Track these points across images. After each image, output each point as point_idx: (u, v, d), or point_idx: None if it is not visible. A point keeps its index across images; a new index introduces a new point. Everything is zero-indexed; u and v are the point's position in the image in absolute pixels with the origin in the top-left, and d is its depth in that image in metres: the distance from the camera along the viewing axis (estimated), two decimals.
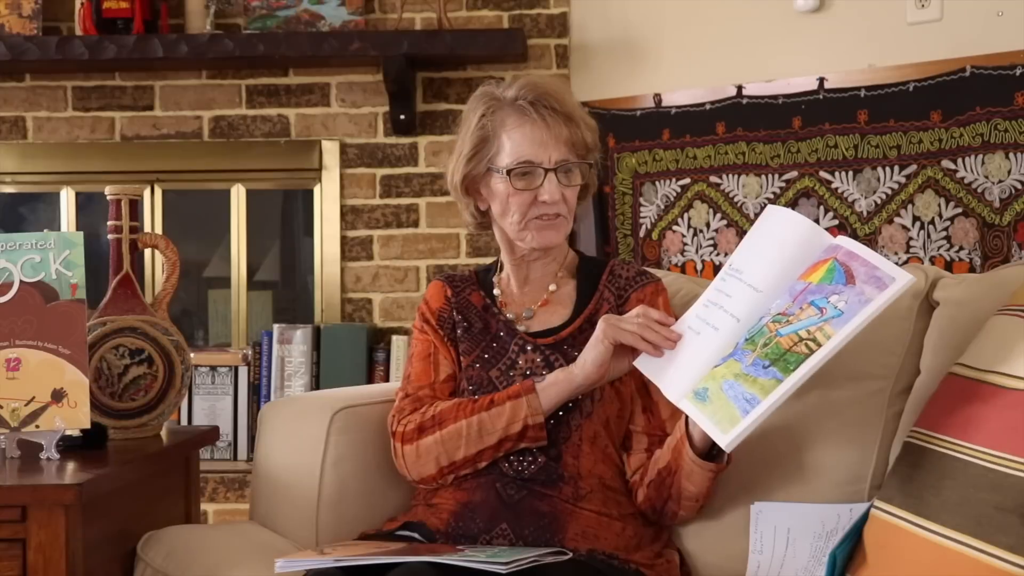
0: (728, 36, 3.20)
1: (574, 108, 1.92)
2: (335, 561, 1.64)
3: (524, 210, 1.89)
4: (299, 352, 3.38)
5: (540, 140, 1.87)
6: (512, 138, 1.88)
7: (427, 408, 1.89)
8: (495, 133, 1.90)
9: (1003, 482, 1.50)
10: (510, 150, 1.88)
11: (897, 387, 1.86)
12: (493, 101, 1.92)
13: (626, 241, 3.38)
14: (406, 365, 2.01)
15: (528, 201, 1.88)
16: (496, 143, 1.90)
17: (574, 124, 1.90)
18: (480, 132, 1.91)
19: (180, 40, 3.38)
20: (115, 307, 2.08)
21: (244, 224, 3.64)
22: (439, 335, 1.96)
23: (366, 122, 3.54)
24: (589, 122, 1.94)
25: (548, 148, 1.87)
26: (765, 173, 3.07)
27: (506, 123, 1.89)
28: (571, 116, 1.90)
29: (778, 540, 1.79)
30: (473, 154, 1.91)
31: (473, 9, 3.52)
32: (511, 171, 1.87)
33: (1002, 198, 2.66)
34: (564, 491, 1.81)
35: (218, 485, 3.37)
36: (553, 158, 1.87)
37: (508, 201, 1.89)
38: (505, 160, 1.88)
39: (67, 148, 3.60)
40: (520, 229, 1.91)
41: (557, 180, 1.87)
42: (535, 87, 1.90)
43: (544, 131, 1.87)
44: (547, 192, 1.87)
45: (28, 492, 1.70)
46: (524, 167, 1.87)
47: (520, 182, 1.88)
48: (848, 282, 1.58)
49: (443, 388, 1.94)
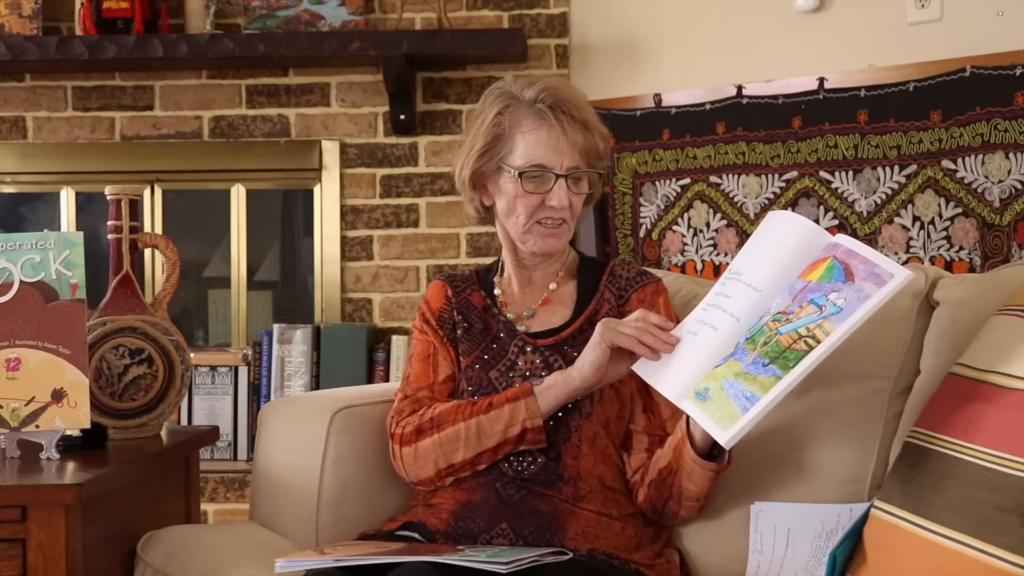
0: (728, 36, 3.20)
1: (591, 116, 1.92)
2: (335, 561, 1.64)
3: (530, 212, 1.89)
4: (299, 352, 3.38)
5: (555, 146, 1.87)
6: (527, 140, 1.88)
7: (425, 410, 1.89)
8: (510, 132, 1.89)
9: (1003, 482, 1.50)
10: (524, 151, 1.88)
11: (897, 387, 1.86)
12: (511, 100, 1.91)
13: (626, 241, 3.38)
14: (405, 365, 2.01)
15: (535, 204, 1.88)
16: (510, 142, 1.89)
17: (590, 133, 1.90)
18: (495, 129, 1.90)
19: (180, 40, 3.38)
20: (115, 307, 2.08)
21: (244, 224, 3.64)
22: (439, 335, 1.96)
23: (366, 122, 3.54)
24: (603, 131, 1.94)
25: (562, 154, 1.87)
26: (765, 173, 3.07)
27: (522, 123, 1.89)
28: (588, 125, 1.89)
29: (778, 540, 1.79)
30: (485, 150, 1.91)
31: (473, 9, 3.52)
32: (523, 173, 1.87)
33: (1002, 198, 2.66)
34: (564, 491, 1.81)
35: (218, 485, 3.37)
36: (565, 164, 1.87)
37: (515, 202, 1.89)
38: (518, 160, 1.88)
39: (67, 148, 3.60)
40: (523, 232, 1.91)
41: (567, 187, 1.88)
42: (556, 92, 1.90)
43: (560, 137, 1.87)
44: (556, 197, 1.87)
45: (28, 492, 1.70)
46: (536, 170, 1.87)
47: (530, 184, 1.88)
48: (847, 279, 1.58)
49: (442, 389, 1.94)
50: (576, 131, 1.88)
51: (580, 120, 1.89)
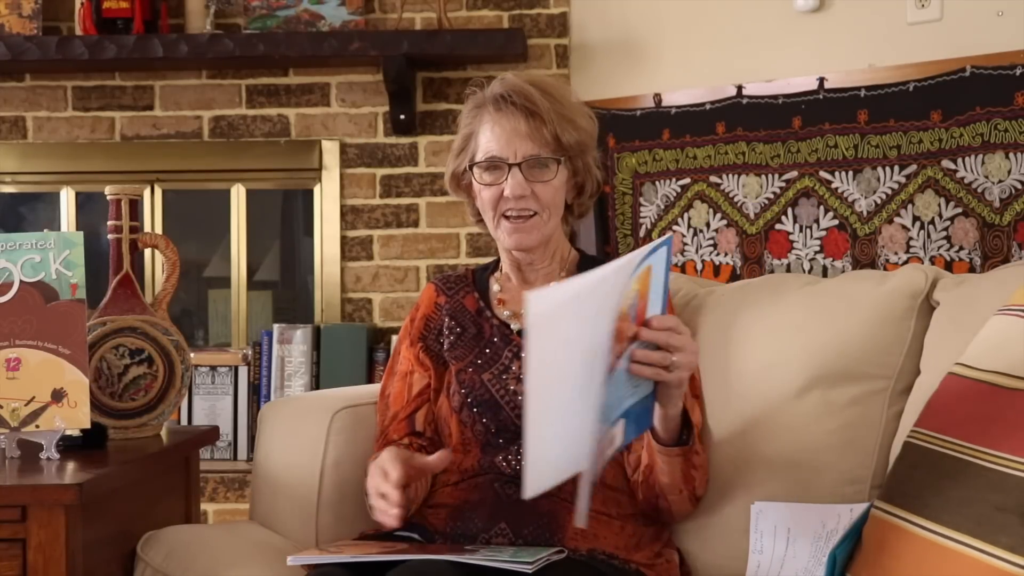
0: (728, 36, 3.20)
1: (552, 105, 1.88)
2: (352, 557, 1.64)
3: (493, 205, 1.89)
4: (299, 352, 3.38)
5: (506, 136, 1.87)
6: (484, 135, 1.90)
7: None
8: (476, 130, 1.92)
9: (1003, 482, 1.50)
10: (482, 146, 1.90)
11: (897, 387, 1.86)
12: (478, 99, 1.94)
13: (626, 241, 3.38)
14: (386, 375, 2.02)
15: (496, 196, 1.89)
16: (476, 140, 1.92)
17: (537, 119, 1.87)
18: (466, 130, 1.94)
19: (180, 40, 3.38)
20: (115, 307, 2.08)
21: (244, 224, 3.64)
22: (419, 346, 1.98)
23: (366, 122, 3.54)
24: (573, 119, 1.90)
25: (513, 144, 1.87)
26: (765, 173, 3.07)
27: (484, 119, 1.91)
28: (534, 111, 1.86)
29: (778, 540, 1.79)
30: (459, 151, 1.95)
31: (473, 9, 3.52)
32: (475, 165, 1.89)
33: (1002, 198, 2.66)
34: (563, 490, 1.81)
35: (218, 485, 3.37)
36: (520, 153, 1.87)
37: (481, 196, 1.91)
38: (479, 156, 1.90)
39: (67, 148, 3.60)
40: (495, 227, 1.92)
41: (523, 176, 1.87)
42: (512, 84, 1.90)
43: (509, 126, 1.87)
44: (509, 187, 1.86)
45: (28, 492, 1.70)
46: (488, 161, 1.88)
47: (487, 176, 1.89)
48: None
49: (413, 404, 1.95)
50: (520, 119, 1.86)
51: (525, 107, 1.86)
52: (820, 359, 1.88)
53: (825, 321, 1.91)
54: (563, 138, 1.88)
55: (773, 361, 1.92)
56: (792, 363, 1.89)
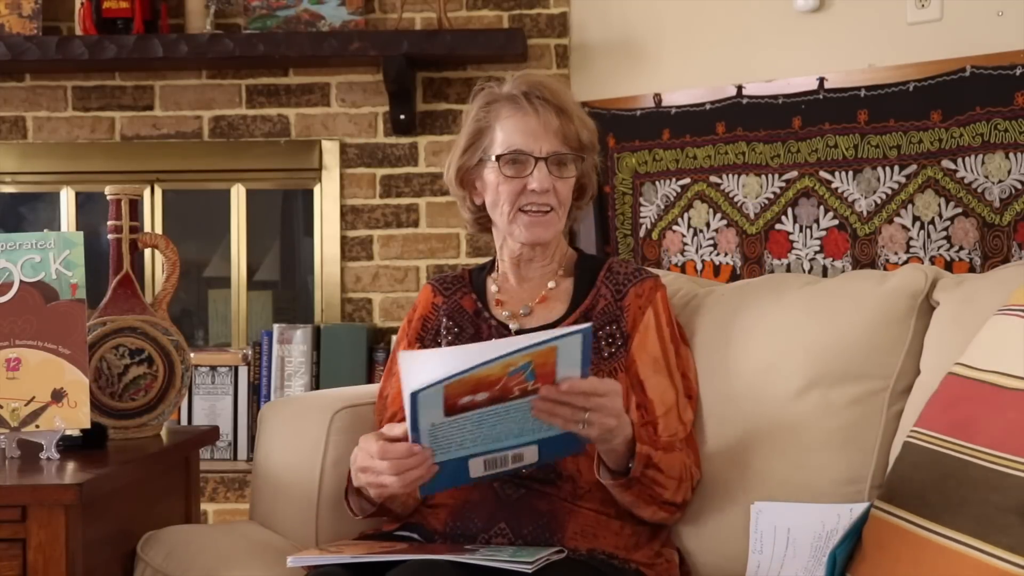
0: (728, 36, 3.20)
1: (568, 102, 1.93)
2: (352, 558, 1.64)
3: (513, 198, 1.90)
4: (299, 352, 3.38)
5: (532, 130, 1.88)
6: (505, 128, 1.90)
7: None
8: (490, 125, 1.92)
9: (1003, 482, 1.50)
10: (502, 139, 1.90)
11: (897, 387, 1.86)
12: (493, 96, 1.94)
13: (626, 241, 3.38)
14: (384, 377, 2.02)
15: (517, 190, 1.89)
16: (491, 135, 1.92)
17: (566, 117, 1.90)
18: (476, 124, 1.94)
19: (180, 40, 3.38)
20: (115, 307, 2.08)
21: (244, 224, 3.64)
22: (416, 347, 1.98)
23: (366, 122, 3.54)
24: (586, 121, 1.94)
25: (539, 138, 1.88)
26: (765, 173, 3.07)
27: (501, 114, 1.92)
28: (563, 108, 1.91)
29: (778, 540, 1.79)
30: (468, 146, 1.94)
31: (473, 9, 3.52)
32: (500, 157, 1.89)
33: (1002, 198, 2.66)
34: (563, 489, 1.81)
35: (218, 485, 3.37)
36: (545, 148, 1.88)
37: (498, 190, 1.91)
38: (498, 149, 1.90)
39: (67, 148, 3.60)
40: (509, 221, 1.91)
41: (548, 170, 1.88)
42: (529, 79, 1.93)
43: (535, 121, 1.88)
44: (536, 180, 1.88)
45: (28, 492, 1.70)
46: (514, 155, 1.89)
47: (510, 169, 1.89)
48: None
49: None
50: (551, 114, 1.89)
51: (555, 104, 1.90)
52: (820, 359, 1.88)
53: (825, 321, 1.91)
54: (582, 138, 1.92)
55: (773, 361, 1.92)
56: (792, 363, 1.89)
